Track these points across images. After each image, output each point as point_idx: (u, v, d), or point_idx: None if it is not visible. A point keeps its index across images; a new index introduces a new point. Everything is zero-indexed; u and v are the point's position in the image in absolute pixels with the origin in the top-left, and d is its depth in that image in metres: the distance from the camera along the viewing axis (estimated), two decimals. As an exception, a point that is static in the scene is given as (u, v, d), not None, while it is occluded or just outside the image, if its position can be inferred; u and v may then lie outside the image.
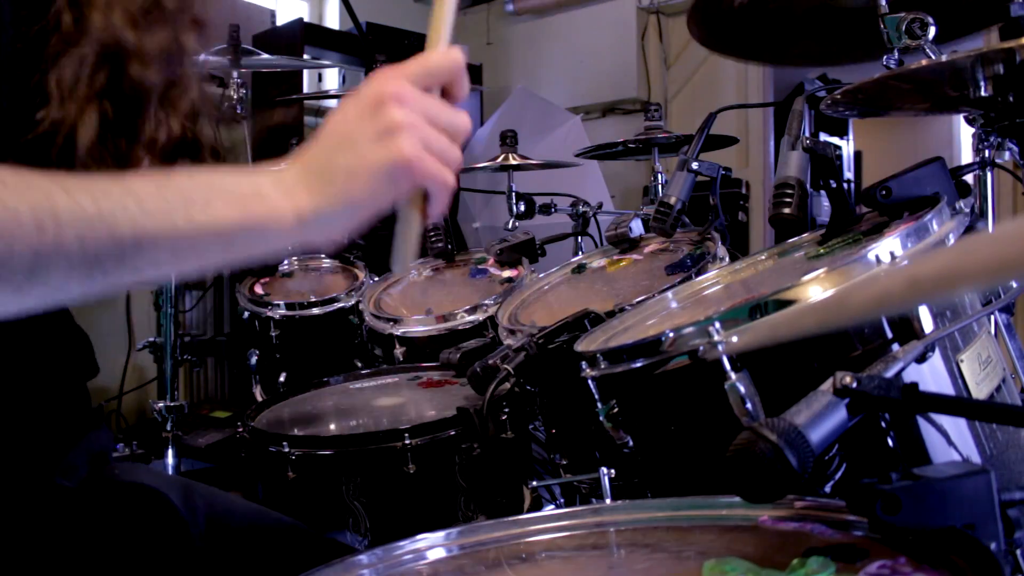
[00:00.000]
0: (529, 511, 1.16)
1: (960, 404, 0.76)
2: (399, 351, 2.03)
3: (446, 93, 0.76)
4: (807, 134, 1.34)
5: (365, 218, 0.71)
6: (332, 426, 1.68)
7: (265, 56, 3.04)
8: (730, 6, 1.67)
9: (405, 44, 4.45)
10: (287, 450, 1.50)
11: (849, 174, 5.74)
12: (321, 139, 0.71)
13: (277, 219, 0.66)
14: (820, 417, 0.62)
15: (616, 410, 0.98)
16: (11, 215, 0.56)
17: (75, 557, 0.83)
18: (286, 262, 2.68)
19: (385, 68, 0.73)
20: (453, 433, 1.47)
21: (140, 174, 0.64)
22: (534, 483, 1.27)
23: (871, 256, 0.84)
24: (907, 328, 0.77)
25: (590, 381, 1.00)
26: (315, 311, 2.40)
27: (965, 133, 6.27)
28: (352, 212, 0.70)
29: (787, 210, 1.32)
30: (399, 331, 2.04)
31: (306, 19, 4.50)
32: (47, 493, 0.83)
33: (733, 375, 0.80)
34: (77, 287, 0.61)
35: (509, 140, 2.73)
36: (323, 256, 2.68)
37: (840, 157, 1.32)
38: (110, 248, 0.60)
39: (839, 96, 1.36)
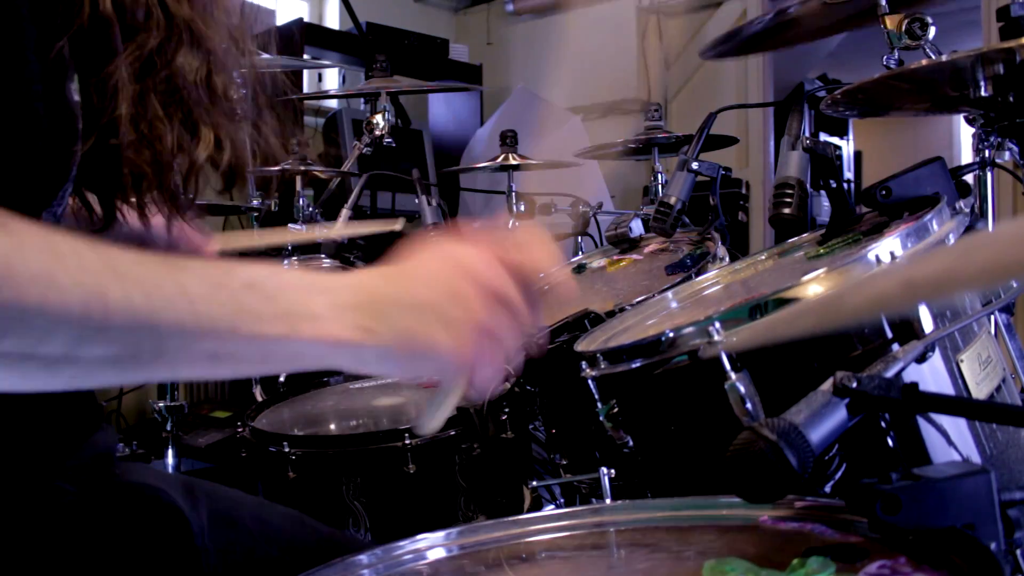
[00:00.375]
0: (529, 511, 1.16)
1: (960, 404, 0.76)
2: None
3: (527, 284, 0.71)
4: (807, 134, 1.34)
5: (403, 375, 0.70)
6: (332, 426, 1.68)
7: (265, 56, 3.03)
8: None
9: (405, 44, 4.45)
10: (287, 450, 1.50)
11: (849, 174, 5.75)
12: (391, 278, 0.68)
13: (322, 342, 0.63)
14: (820, 417, 0.62)
15: (616, 410, 0.98)
16: (62, 297, 0.54)
17: (78, 559, 0.83)
18: (286, 263, 2.67)
19: (481, 233, 0.70)
20: (453, 433, 1.47)
21: (195, 265, 0.61)
22: (534, 483, 1.28)
23: (871, 256, 0.84)
24: (907, 328, 0.77)
25: (590, 381, 1.00)
26: (315, 311, 2.39)
27: (965, 133, 6.27)
28: (392, 365, 0.67)
29: (787, 210, 1.32)
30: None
31: (306, 19, 4.51)
32: (48, 495, 0.83)
33: (733, 375, 0.80)
34: (110, 375, 0.59)
35: (509, 140, 2.73)
36: (323, 256, 2.68)
37: (840, 157, 1.32)
38: (151, 345, 0.58)
39: (839, 96, 1.36)
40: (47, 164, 0.73)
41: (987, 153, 1.43)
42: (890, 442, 0.78)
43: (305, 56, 3.96)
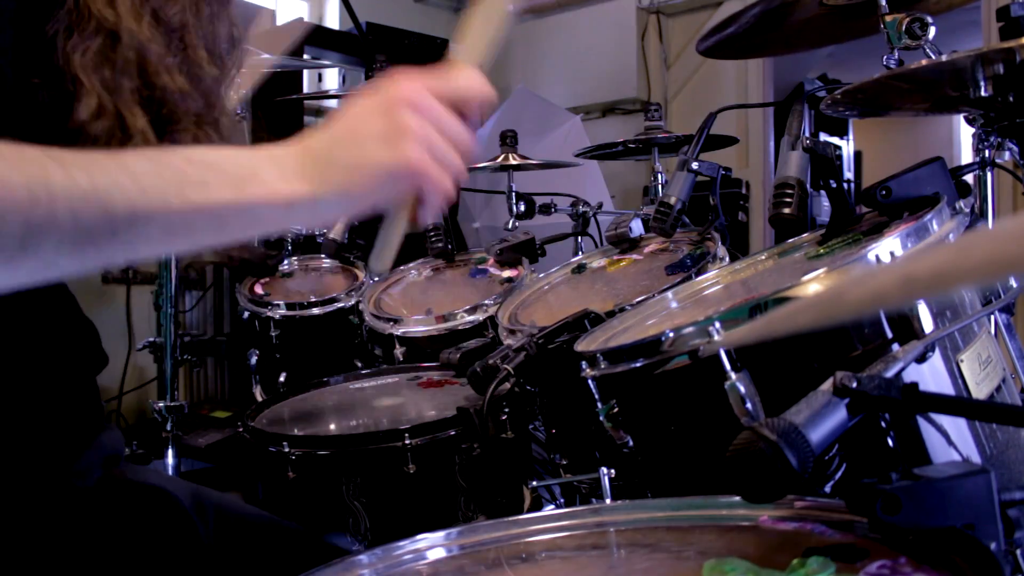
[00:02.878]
0: (529, 511, 1.16)
1: (960, 404, 0.76)
2: (399, 351, 2.03)
3: (460, 112, 0.75)
4: (807, 134, 1.34)
5: (358, 212, 0.71)
6: (332, 426, 1.68)
7: (265, 56, 3.03)
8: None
9: (405, 44, 4.45)
10: (287, 450, 1.50)
11: (849, 174, 5.75)
12: (329, 129, 0.70)
13: (271, 202, 0.66)
14: (820, 417, 0.62)
15: (616, 410, 0.98)
16: (4, 185, 0.55)
17: (88, 557, 0.83)
18: (286, 262, 2.68)
19: (408, 71, 0.73)
20: (453, 433, 1.47)
21: (137, 150, 0.63)
22: (534, 483, 1.28)
23: (871, 256, 0.84)
24: (907, 328, 0.77)
25: (590, 381, 1.00)
26: (315, 311, 2.40)
27: (965, 133, 6.27)
28: (346, 203, 0.70)
29: (787, 210, 1.32)
30: (399, 331, 2.04)
31: (306, 19, 4.50)
32: (57, 495, 0.83)
33: (733, 375, 0.80)
34: (69, 262, 0.60)
35: (509, 140, 2.73)
36: (323, 256, 2.68)
37: (840, 157, 1.32)
38: (103, 223, 0.59)
39: (839, 96, 1.36)
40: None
41: (987, 153, 1.43)
42: (890, 442, 0.78)
43: (305, 56, 3.96)
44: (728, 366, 0.80)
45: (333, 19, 4.90)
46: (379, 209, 0.73)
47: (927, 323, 0.77)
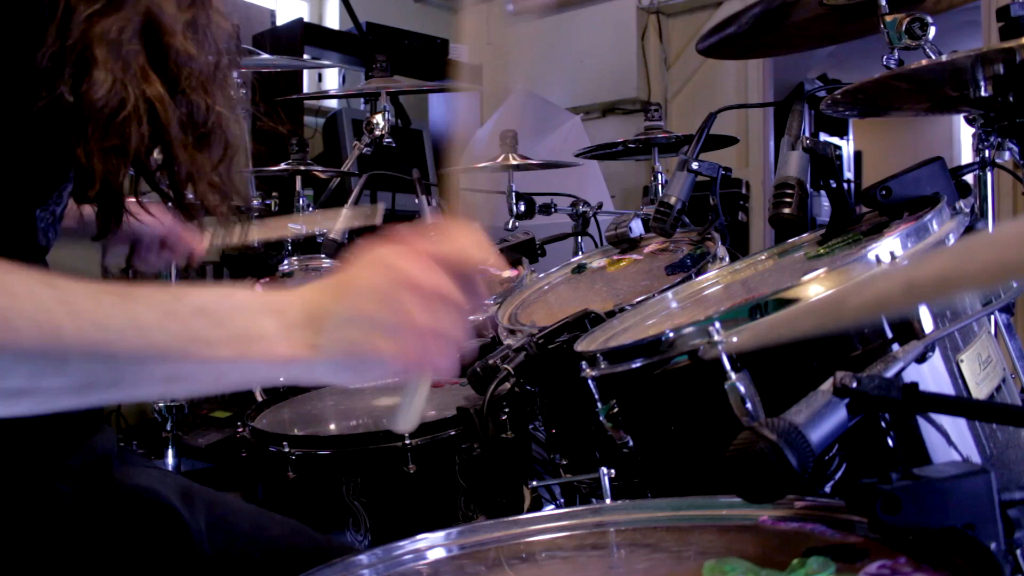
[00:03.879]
0: (529, 511, 1.16)
1: (960, 404, 0.76)
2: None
3: (463, 275, 0.73)
4: (807, 134, 1.34)
5: (353, 381, 0.71)
6: (332, 426, 1.68)
7: (265, 56, 3.03)
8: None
9: (405, 44, 4.45)
10: (287, 450, 1.50)
11: (849, 174, 5.75)
12: (335, 295, 0.70)
13: (273, 361, 0.66)
14: (820, 417, 0.62)
15: (616, 410, 0.98)
16: (16, 337, 0.56)
17: (75, 561, 0.83)
18: (286, 262, 2.68)
19: (411, 237, 0.72)
20: (453, 433, 1.47)
21: (146, 294, 0.64)
22: (534, 483, 1.27)
23: (871, 256, 0.84)
24: (907, 328, 0.77)
25: (590, 381, 1.00)
26: (315, 311, 2.39)
27: (965, 133, 6.27)
28: (341, 376, 0.70)
29: (787, 210, 1.32)
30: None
31: (306, 19, 4.50)
32: (46, 498, 0.83)
33: (733, 375, 0.80)
34: (69, 401, 0.62)
35: (509, 140, 2.73)
36: (323, 256, 2.67)
37: (840, 157, 1.32)
38: (107, 374, 0.61)
39: (839, 96, 1.36)
40: (41, 160, 0.74)
41: (987, 153, 1.43)
42: (890, 442, 0.78)
43: (305, 56, 3.96)
44: (728, 366, 0.80)
45: (333, 19, 4.90)
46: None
47: (927, 323, 0.77)
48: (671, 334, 0.88)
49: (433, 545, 0.77)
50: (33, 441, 0.83)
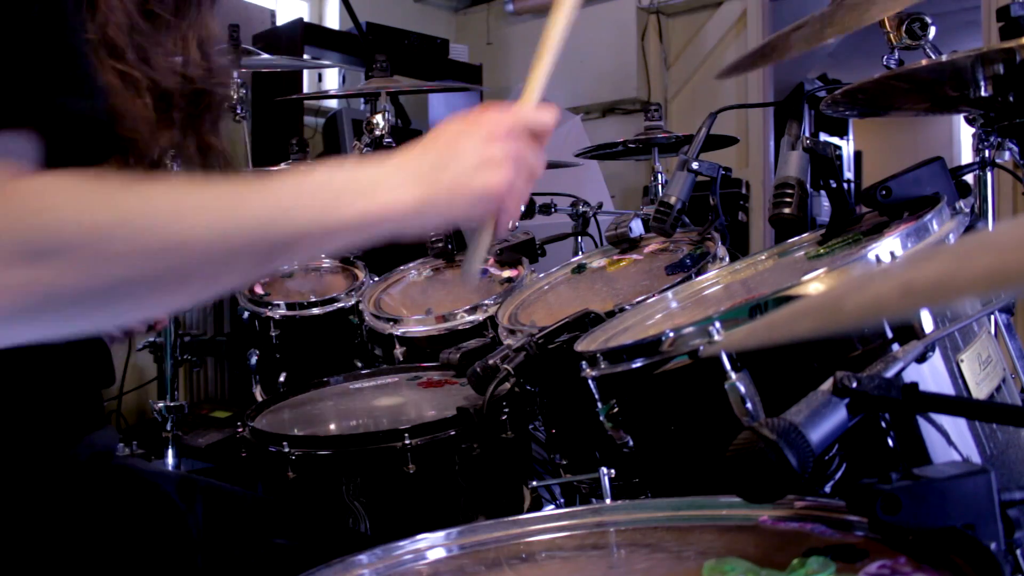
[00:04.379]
0: (529, 511, 1.16)
1: (960, 404, 0.76)
2: (399, 351, 2.03)
3: (536, 138, 0.86)
4: (807, 134, 1.34)
5: (451, 221, 0.80)
6: (332, 426, 1.68)
7: (265, 56, 3.04)
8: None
9: (405, 44, 4.45)
10: (287, 450, 1.50)
11: (849, 174, 5.75)
12: (431, 145, 0.80)
13: (398, 208, 0.74)
14: (820, 417, 0.62)
15: (616, 410, 0.98)
16: (240, 228, 0.67)
17: (73, 553, 0.83)
18: (286, 262, 2.68)
19: (497, 106, 0.85)
20: (453, 433, 1.47)
21: (275, 176, 0.71)
22: (534, 483, 1.28)
23: (871, 256, 0.84)
24: (907, 328, 0.77)
25: (590, 381, 1.00)
26: (315, 311, 2.40)
27: (965, 133, 6.27)
28: (446, 214, 0.79)
29: (787, 210, 1.32)
30: (399, 331, 2.04)
31: (306, 19, 4.50)
32: (45, 490, 0.83)
33: (733, 375, 0.80)
34: (248, 274, 0.72)
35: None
36: (323, 256, 2.68)
37: (840, 157, 1.32)
38: (275, 247, 0.70)
39: (839, 96, 1.36)
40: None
41: (987, 153, 1.43)
42: (890, 442, 0.78)
43: (305, 56, 3.96)
44: (728, 366, 0.80)
45: (333, 19, 4.90)
46: (464, 223, 0.85)
47: (927, 323, 0.77)
48: (671, 334, 0.88)
49: (433, 545, 0.77)
50: (32, 433, 0.83)
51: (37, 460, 0.83)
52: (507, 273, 2.17)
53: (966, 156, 3.34)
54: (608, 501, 0.86)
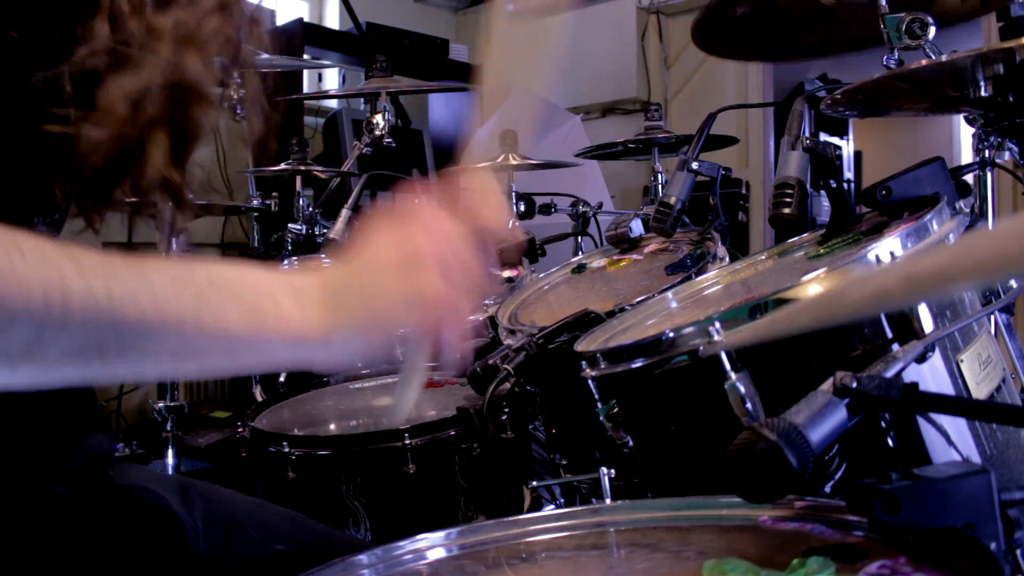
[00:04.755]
0: (529, 511, 1.16)
1: (960, 404, 0.76)
2: (399, 351, 2.02)
3: (479, 242, 0.74)
4: (807, 134, 1.34)
5: (372, 350, 0.71)
6: (332, 426, 1.68)
7: (265, 56, 3.03)
8: (733, 15, 1.68)
9: (405, 44, 4.45)
10: (287, 450, 1.50)
11: (849, 174, 5.74)
12: (352, 269, 0.71)
13: (287, 336, 0.65)
14: (820, 417, 0.62)
15: (616, 410, 0.98)
16: (22, 287, 0.54)
17: (68, 561, 0.83)
18: (286, 262, 2.67)
19: (429, 201, 0.73)
20: (453, 433, 1.47)
21: (158, 262, 0.62)
22: (534, 483, 1.27)
23: (871, 256, 0.84)
24: (907, 328, 0.77)
25: (590, 381, 1.00)
26: (315, 311, 2.39)
27: (965, 133, 6.26)
28: (361, 340, 0.69)
29: (787, 210, 1.32)
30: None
31: (306, 19, 4.50)
32: (39, 498, 0.83)
33: (733, 375, 0.80)
34: (72, 371, 0.59)
35: (509, 140, 2.73)
36: (323, 256, 2.68)
37: (840, 157, 1.32)
38: (114, 337, 0.58)
39: (839, 96, 1.36)
40: (38, 165, 0.73)
41: (987, 153, 1.43)
42: (890, 442, 0.78)
43: (305, 56, 3.95)
44: (728, 366, 0.80)
45: (333, 19, 4.89)
46: (395, 352, 0.73)
47: (927, 323, 0.77)
48: (671, 334, 0.88)
49: (433, 545, 0.77)
50: (27, 439, 0.83)
51: (30, 471, 0.83)
52: (507, 273, 2.17)
53: (966, 156, 3.33)
54: (608, 501, 0.86)
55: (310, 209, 2.67)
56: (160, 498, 0.90)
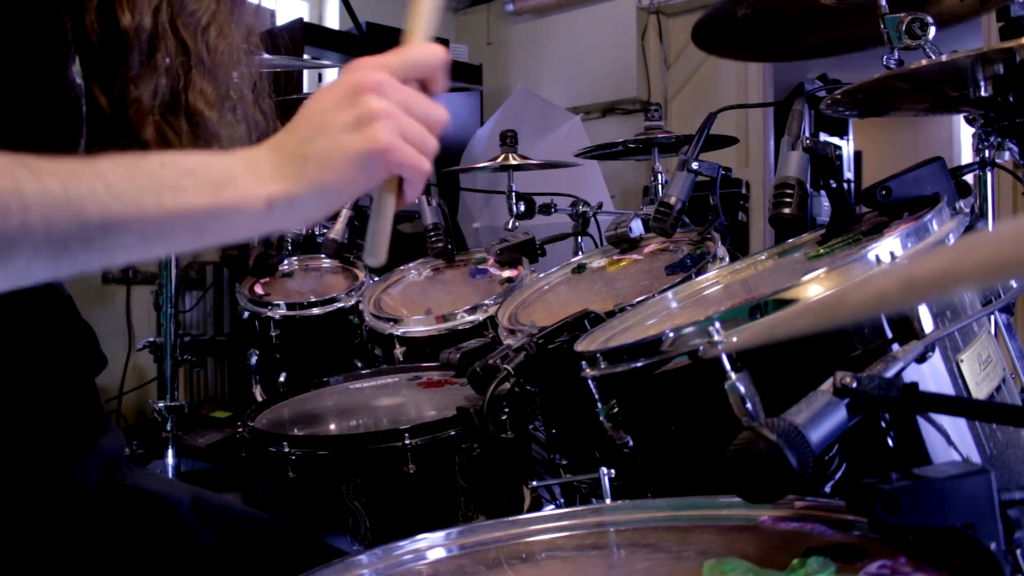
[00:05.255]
0: (529, 511, 1.16)
1: (960, 404, 0.76)
2: (399, 351, 2.03)
3: (425, 86, 0.75)
4: (807, 134, 1.34)
5: (337, 204, 0.71)
6: (332, 426, 1.68)
7: (265, 56, 3.03)
8: (733, 16, 1.68)
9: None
10: (287, 450, 1.50)
11: (849, 174, 5.75)
12: (296, 124, 0.71)
13: (248, 204, 0.66)
14: (820, 417, 0.62)
15: (616, 410, 0.98)
16: None
17: (85, 564, 0.83)
18: (286, 262, 2.68)
19: (364, 59, 0.72)
20: (453, 433, 1.47)
21: (112, 156, 0.63)
22: (534, 483, 1.28)
23: (871, 256, 0.84)
24: (907, 328, 0.77)
25: (590, 381, 1.00)
26: (315, 311, 2.40)
27: (965, 133, 6.27)
28: (324, 198, 0.69)
29: (787, 210, 1.32)
30: (399, 331, 2.04)
31: (306, 19, 4.50)
32: (63, 502, 0.83)
33: (733, 375, 0.80)
34: (43, 270, 0.59)
35: (509, 140, 2.73)
36: (323, 256, 2.68)
37: (840, 157, 1.32)
38: (77, 232, 0.59)
39: (839, 96, 1.36)
40: (46, 139, 0.74)
41: (987, 153, 1.43)
42: (890, 442, 0.78)
43: (305, 56, 3.96)
44: (728, 366, 0.80)
45: (333, 19, 4.89)
46: (359, 199, 0.73)
47: (927, 323, 0.77)
48: (671, 334, 0.88)
49: (433, 545, 0.77)
50: (42, 444, 0.82)
51: (47, 472, 0.82)
52: (507, 273, 2.18)
53: (966, 156, 3.34)
54: (608, 501, 0.86)
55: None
56: (174, 505, 0.90)
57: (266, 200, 0.66)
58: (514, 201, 2.64)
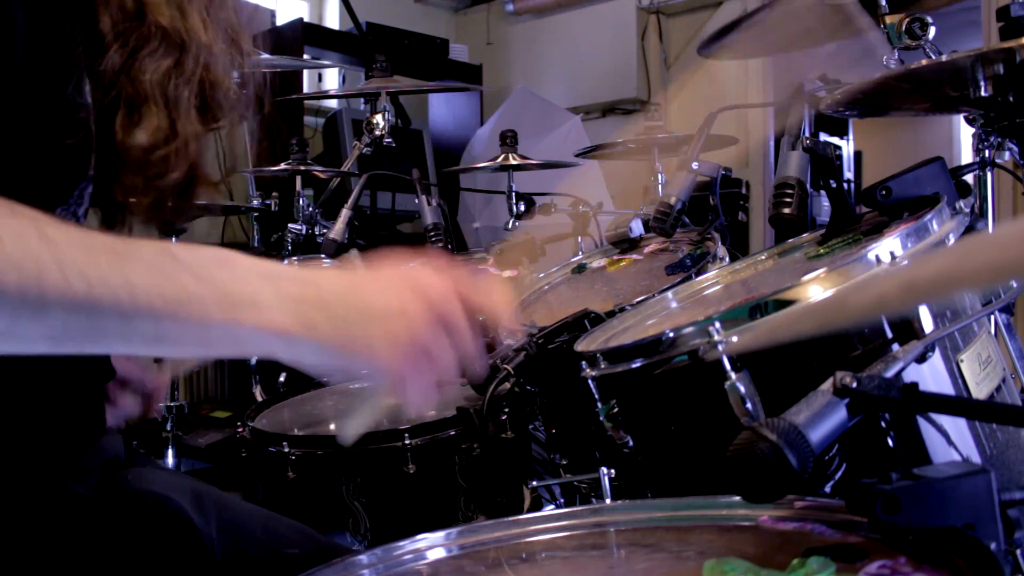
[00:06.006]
0: (529, 511, 1.16)
1: (960, 404, 0.76)
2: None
3: (473, 321, 0.74)
4: (807, 134, 1.34)
5: (335, 369, 0.71)
6: (332, 426, 1.68)
7: (265, 56, 3.03)
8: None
9: (405, 44, 4.45)
10: (287, 450, 1.50)
11: (849, 174, 5.74)
12: (345, 281, 0.70)
13: (261, 332, 0.65)
14: (820, 417, 0.62)
15: (616, 410, 0.98)
16: None
17: (87, 566, 0.83)
18: (286, 262, 2.68)
19: (445, 265, 0.73)
20: (453, 433, 1.47)
21: (140, 247, 0.62)
22: (534, 483, 1.27)
23: (871, 256, 0.84)
24: (907, 328, 0.77)
25: (590, 381, 1.00)
26: (315, 311, 2.39)
27: (965, 133, 6.26)
28: (328, 361, 0.70)
29: (787, 210, 1.32)
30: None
31: (306, 19, 4.51)
32: (61, 500, 0.83)
33: (733, 375, 0.80)
34: (45, 348, 0.60)
35: (509, 140, 2.73)
36: (323, 256, 2.68)
37: (840, 157, 1.32)
38: (89, 328, 0.59)
39: (839, 96, 1.36)
40: (57, 158, 0.74)
41: (987, 153, 1.43)
42: (890, 442, 0.78)
43: (305, 56, 3.96)
44: (728, 366, 0.80)
45: (333, 19, 4.89)
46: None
47: (927, 323, 0.77)
48: (671, 334, 0.88)
49: (433, 545, 0.77)
50: (44, 444, 0.82)
51: (47, 473, 0.83)
52: (507, 273, 2.17)
53: (966, 156, 3.33)
54: (608, 501, 0.86)
55: (310, 209, 2.67)
56: (176, 503, 0.90)
57: (279, 334, 0.66)
58: (514, 201, 2.64)
